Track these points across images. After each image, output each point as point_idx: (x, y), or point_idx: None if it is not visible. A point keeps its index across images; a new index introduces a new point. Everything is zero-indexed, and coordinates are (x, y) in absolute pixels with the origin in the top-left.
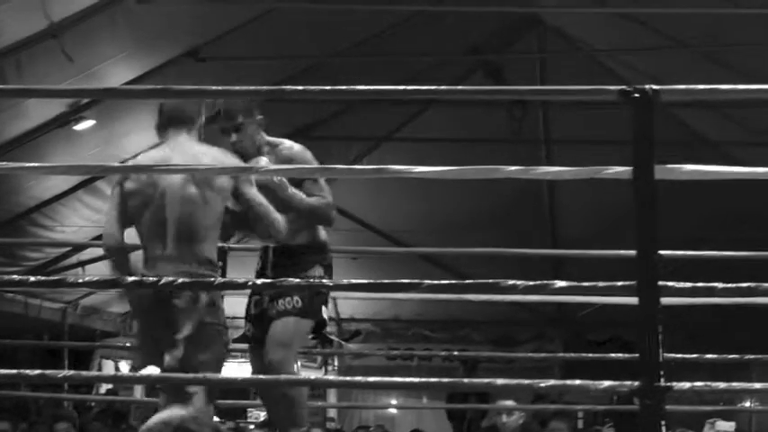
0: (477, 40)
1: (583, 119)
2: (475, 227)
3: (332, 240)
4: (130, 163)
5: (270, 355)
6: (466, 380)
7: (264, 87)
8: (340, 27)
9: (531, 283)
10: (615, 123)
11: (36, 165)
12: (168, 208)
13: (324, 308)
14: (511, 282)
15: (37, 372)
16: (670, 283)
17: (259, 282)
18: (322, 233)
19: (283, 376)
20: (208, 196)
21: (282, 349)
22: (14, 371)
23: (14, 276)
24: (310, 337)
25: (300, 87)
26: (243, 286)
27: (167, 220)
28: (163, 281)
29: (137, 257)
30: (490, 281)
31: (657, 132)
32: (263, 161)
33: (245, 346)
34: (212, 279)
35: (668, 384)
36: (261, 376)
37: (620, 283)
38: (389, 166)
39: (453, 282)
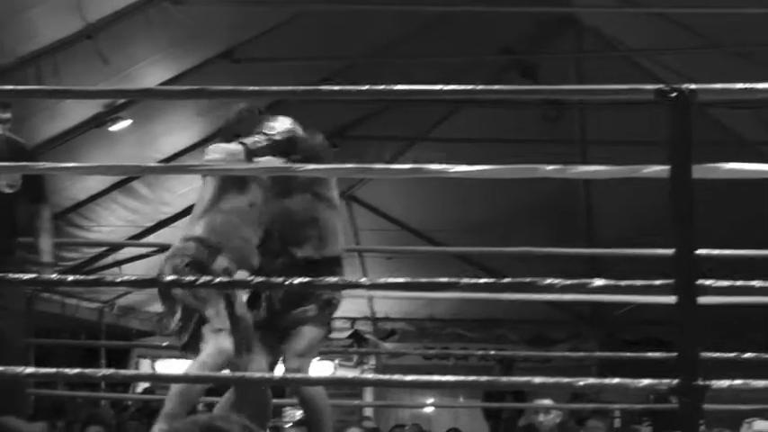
0: (512, 40)
1: (619, 119)
2: (510, 226)
3: (367, 240)
4: None
5: (288, 365)
6: (503, 378)
7: (300, 87)
8: (373, 28)
9: (569, 281)
10: (651, 123)
11: (72, 165)
12: None
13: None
14: (548, 280)
15: (76, 370)
16: (708, 282)
17: (296, 281)
18: (339, 247)
19: (320, 376)
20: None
21: (299, 359)
22: (53, 369)
23: (52, 276)
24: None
25: (336, 87)
26: (280, 286)
27: None
28: (200, 280)
29: None
30: (527, 279)
31: (693, 132)
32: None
33: None
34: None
35: (707, 382)
36: (296, 375)
37: (658, 282)
38: (427, 166)
39: (490, 280)
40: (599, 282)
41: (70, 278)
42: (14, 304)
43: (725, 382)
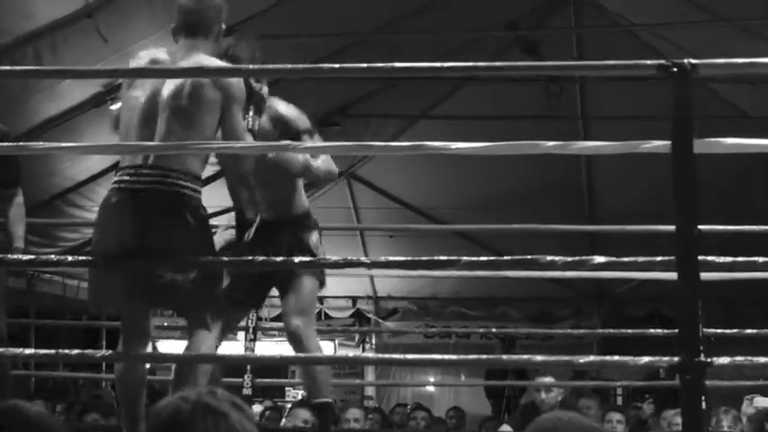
0: (514, 16)
1: (621, 94)
2: (513, 204)
3: (368, 218)
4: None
5: (290, 324)
6: (505, 356)
7: (301, 66)
8: (376, 5)
9: (570, 258)
10: (653, 99)
11: (72, 144)
12: (159, 117)
13: None
14: (550, 258)
15: (76, 351)
16: (710, 258)
17: (297, 260)
18: (305, 200)
19: (325, 354)
20: (195, 112)
21: (301, 318)
22: (53, 351)
23: (52, 256)
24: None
25: (337, 65)
26: (279, 264)
27: (156, 129)
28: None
29: None
30: (529, 257)
31: (696, 107)
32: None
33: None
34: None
35: (708, 359)
36: (299, 354)
37: (659, 258)
38: (428, 143)
39: (492, 258)
40: (601, 258)
41: (70, 258)
42: None
43: (726, 359)
